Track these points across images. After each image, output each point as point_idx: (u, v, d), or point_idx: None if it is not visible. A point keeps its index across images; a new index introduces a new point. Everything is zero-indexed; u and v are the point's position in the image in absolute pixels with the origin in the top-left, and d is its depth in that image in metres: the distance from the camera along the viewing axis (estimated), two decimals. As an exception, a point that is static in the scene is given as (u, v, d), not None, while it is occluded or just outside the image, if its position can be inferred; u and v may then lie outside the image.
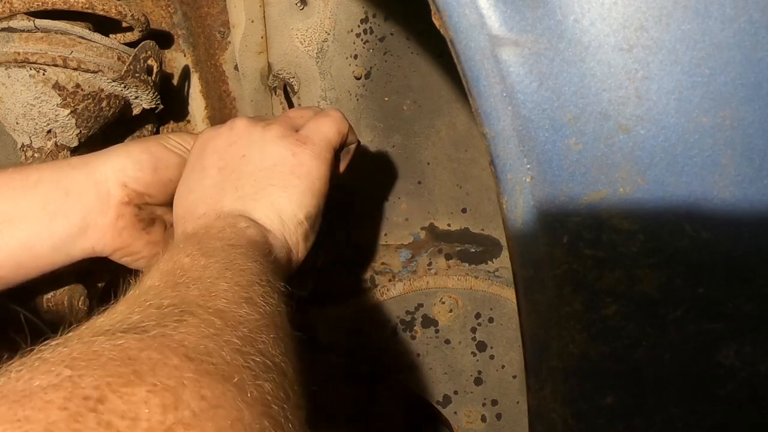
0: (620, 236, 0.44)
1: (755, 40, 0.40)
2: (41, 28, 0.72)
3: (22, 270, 0.62)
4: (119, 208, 0.64)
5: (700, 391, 0.45)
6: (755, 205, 0.42)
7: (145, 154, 0.65)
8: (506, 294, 0.91)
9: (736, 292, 0.43)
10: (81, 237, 0.63)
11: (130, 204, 0.64)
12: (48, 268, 0.63)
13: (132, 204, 0.64)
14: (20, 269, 0.62)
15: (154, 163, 0.65)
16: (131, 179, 0.64)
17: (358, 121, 0.90)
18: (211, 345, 0.35)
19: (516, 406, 0.93)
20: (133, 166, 0.64)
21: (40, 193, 0.61)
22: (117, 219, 0.63)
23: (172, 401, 0.29)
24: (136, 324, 0.35)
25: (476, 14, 0.43)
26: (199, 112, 0.94)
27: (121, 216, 0.64)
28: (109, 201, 0.63)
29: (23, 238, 0.61)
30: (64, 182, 0.62)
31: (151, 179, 0.65)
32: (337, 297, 0.95)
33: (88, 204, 0.63)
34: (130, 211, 0.64)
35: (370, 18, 0.84)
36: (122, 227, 0.64)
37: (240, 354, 0.36)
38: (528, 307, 0.47)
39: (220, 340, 0.36)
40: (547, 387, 0.47)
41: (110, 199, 0.63)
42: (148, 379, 0.30)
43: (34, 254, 0.61)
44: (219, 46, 0.90)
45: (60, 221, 0.62)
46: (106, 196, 0.63)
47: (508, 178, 0.45)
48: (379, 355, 0.96)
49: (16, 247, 0.61)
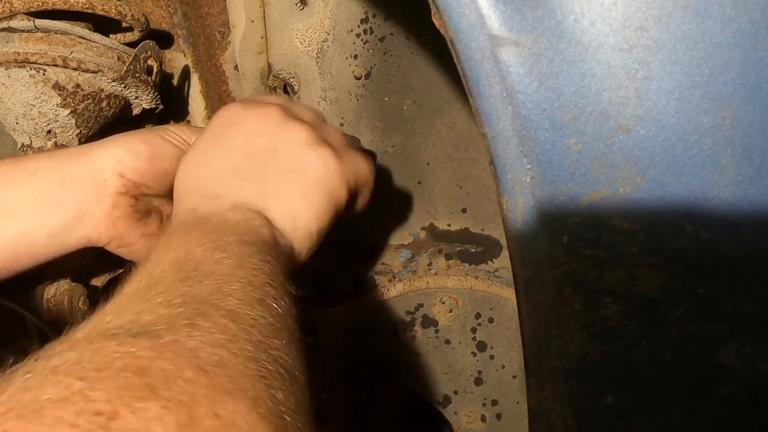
0: (620, 236, 0.44)
1: (755, 40, 0.40)
2: (41, 28, 0.72)
3: (18, 260, 0.62)
4: (115, 198, 0.63)
5: (700, 391, 0.45)
6: (755, 205, 0.42)
7: (143, 144, 0.65)
8: (506, 294, 0.91)
9: (736, 292, 0.43)
10: (77, 226, 0.62)
11: (126, 194, 0.64)
12: (43, 258, 0.63)
13: (128, 194, 0.64)
14: (17, 259, 0.62)
15: (152, 153, 0.65)
16: (128, 169, 0.63)
17: (358, 121, 0.90)
18: (225, 355, 0.34)
19: (516, 406, 0.93)
20: (131, 156, 0.64)
21: (36, 183, 0.61)
22: (113, 209, 0.63)
23: (186, 420, 0.28)
24: (148, 327, 0.34)
25: (476, 14, 0.43)
26: (199, 112, 0.94)
27: (116, 206, 0.63)
28: (105, 190, 0.63)
29: (20, 228, 0.61)
30: (60, 172, 0.62)
31: (148, 170, 0.64)
32: (337, 297, 0.95)
33: (85, 193, 0.62)
34: (126, 201, 0.64)
35: (370, 18, 0.84)
36: (117, 217, 0.64)
37: (254, 362, 0.35)
38: (528, 307, 0.47)
39: (234, 347, 0.35)
40: (547, 387, 0.47)
41: (106, 189, 0.63)
42: (161, 393, 0.29)
43: (30, 244, 0.61)
44: (219, 46, 0.90)
45: (56, 211, 0.61)
46: (103, 186, 0.63)
47: (508, 178, 0.45)
48: (379, 356, 0.96)
49: (12, 236, 0.60)
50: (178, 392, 0.29)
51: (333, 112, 0.89)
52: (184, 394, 0.29)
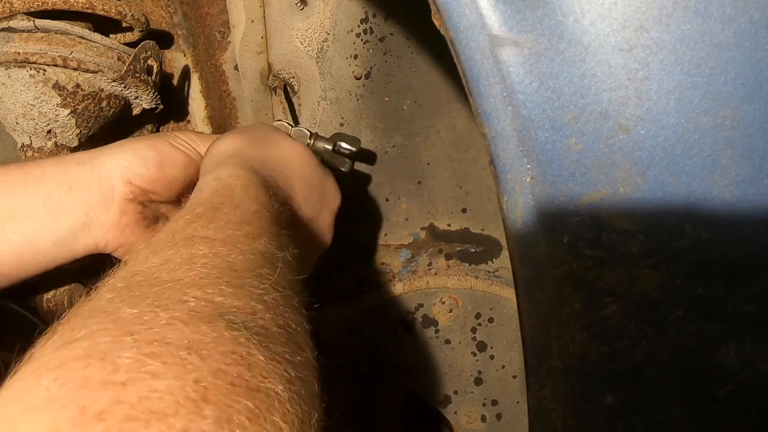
0: (620, 236, 0.44)
1: (755, 40, 0.40)
2: (41, 28, 0.72)
3: (25, 266, 0.62)
4: (123, 204, 0.63)
5: (700, 391, 0.45)
6: (755, 205, 0.42)
7: (151, 151, 0.65)
8: (506, 294, 0.91)
9: (736, 292, 0.43)
10: (84, 233, 0.62)
11: (134, 201, 0.64)
12: (50, 265, 0.63)
13: (136, 201, 0.64)
14: (23, 265, 0.61)
15: (161, 160, 0.65)
16: (136, 176, 0.63)
17: (358, 121, 0.90)
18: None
19: (516, 406, 0.93)
20: (139, 162, 0.64)
21: (43, 189, 0.61)
22: (120, 216, 0.63)
23: None
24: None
25: (476, 14, 0.43)
26: (199, 112, 0.94)
27: (124, 213, 0.63)
28: (113, 197, 0.63)
29: (26, 234, 0.60)
30: (67, 178, 0.62)
31: (156, 176, 0.64)
32: (337, 297, 0.95)
33: (92, 200, 0.62)
34: (134, 208, 0.64)
35: (370, 18, 0.84)
36: (125, 224, 0.64)
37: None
38: (528, 307, 0.47)
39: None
40: (547, 387, 0.47)
41: (114, 196, 0.63)
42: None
43: (37, 250, 0.61)
44: (219, 46, 0.90)
45: (63, 217, 0.61)
46: (110, 193, 0.63)
47: (508, 178, 0.45)
48: (379, 355, 0.96)
49: (18, 242, 0.60)
50: None
51: (333, 112, 0.89)
52: None
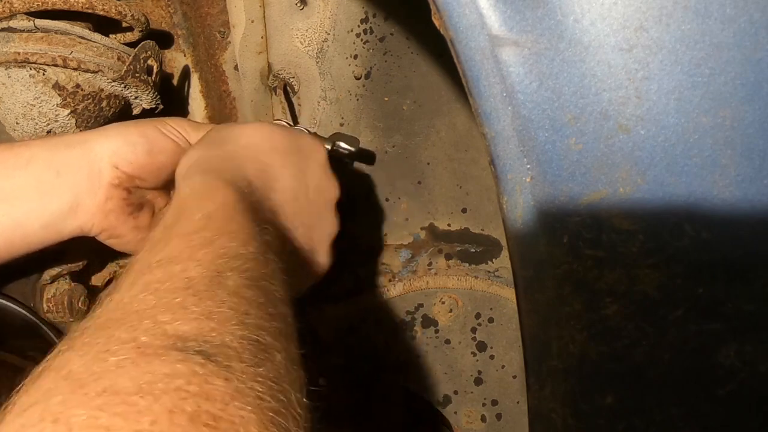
0: (620, 236, 0.44)
1: (755, 40, 0.40)
2: (41, 28, 0.72)
3: (14, 247, 0.62)
4: (108, 189, 0.63)
5: (700, 391, 0.45)
6: (755, 205, 0.42)
7: (141, 137, 0.65)
8: (506, 294, 0.91)
9: (736, 292, 0.43)
10: (71, 216, 0.63)
11: (119, 186, 0.64)
12: (38, 246, 0.63)
13: (121, 186, 0.64)
14: (11, 247, 0.62)
15: (149, 147, 0.65)
16: (123, 161, 0.63)
17: (358, 121, 0.90)
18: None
19: (516, 406, 0.93)
20: (127, 148, 0.64)
21: (32, 171, 0.61)
22: (105, 201, 0.63)
23: None
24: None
25: (476, 14, 0.43)
26: (199, 112, 0.94)
27: (109, 198, 0.64)
28: (100, 181, 0.63)
29: (15, 217, 0.61)
30: (56, 161, 0.62)
31: (144, 163, 0.64)
32: (337, 297, 0.95)
33: (80, 183, 0.63)
34: (119, 194, 0.64)
35: (370, 18, 0.84)
36: (110, 209, 0.64)
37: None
38: (528, 307, 0.47)
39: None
40: (547, 387, 0.47)
41: (101, 180, 0.63)
42: None
43: (25, 232, 0.61)
44: (219, 46, 0.90)
45: (51, 200, 0.62)
46: (98, 177, 0.63)
47: (508, 178, 0.45)
48: (379, 355, 0.96)
49: (7, 224, 0.61)
50: None
51: (333, 112, 0.89)
52: None
